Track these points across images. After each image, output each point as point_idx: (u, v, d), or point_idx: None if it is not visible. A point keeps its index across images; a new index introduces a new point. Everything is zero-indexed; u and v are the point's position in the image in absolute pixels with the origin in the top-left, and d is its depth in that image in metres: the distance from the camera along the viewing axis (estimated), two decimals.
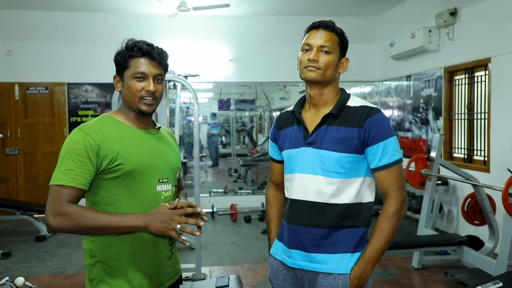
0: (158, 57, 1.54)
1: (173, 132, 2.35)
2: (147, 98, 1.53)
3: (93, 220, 1.40)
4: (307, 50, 1.62)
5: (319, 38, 1.60)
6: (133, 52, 1.52)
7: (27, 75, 6.65)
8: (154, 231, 1.41)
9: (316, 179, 1.60)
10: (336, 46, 1.61)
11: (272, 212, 1.85)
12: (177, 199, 1.49)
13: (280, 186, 1.80)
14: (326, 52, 1.59)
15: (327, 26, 1.61)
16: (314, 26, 1.63)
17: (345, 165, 1.57)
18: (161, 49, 1.58)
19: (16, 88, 6.62)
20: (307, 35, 1.64)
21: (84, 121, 2.45)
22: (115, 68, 1.60)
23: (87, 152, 1.44)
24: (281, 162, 1.78)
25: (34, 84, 6.68)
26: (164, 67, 1.59)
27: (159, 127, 1.69)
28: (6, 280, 1.40)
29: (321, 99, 1.65)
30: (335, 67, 1.62)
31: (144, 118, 1.60)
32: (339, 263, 1.58)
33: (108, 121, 1.56)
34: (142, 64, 1.52)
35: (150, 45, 1.55)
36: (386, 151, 1.56)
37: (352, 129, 1.57)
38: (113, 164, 1.47)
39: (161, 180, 1.57)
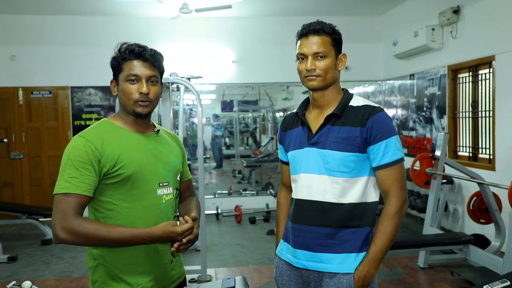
0: (151, 58, 1.53)
1: (177, 134, 2.34)
2: (141, 100, 1.52)
3: (101, 236, 1.42)
4: (302, 59, 1.61)
5: (312, 45, 1.58)
6: (126, 55, 1.51)
7: (31, 79, 6.67)
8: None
9: (321, 179, 1.60)
10: (330, 47, 1.60)
11: (282, 214, 1.85)
12: (187, 224, 1.49)
13: (291, 188, 1.79)
14: (321, 57, 1.58)
15: (316, 30, 1.59)
16: (303, 34, 1.61)
17: (349, 164, 1.58)
18: (155, 50, 1.56)
19: (20, 92, 6.66)
20: (299, 43, 1.62)
21: (88, 125, 2.46)
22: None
23: (90, 159, 1.44)
24: (289, 163, 1.78)
25: (38, 88, 6.70)
26: (159, 69, 1.57)
27: (158, 130, 1.66)
28: (13, 284, 1.40)
29: (324, 100, 1.66)
30: (334, 68, 1.62)
31: (142, 121, 1.59)
32: (344, 263, 1.58)
33: (107, 126, 1.56)
34: (135, 67, 1.51)
35: (142, 47, 1.53)
36: (388, 150, 1.56)
37: (354, 128, 1.57)
38: (113, 170, 1.47)
39: (161, 184, 1.56)
